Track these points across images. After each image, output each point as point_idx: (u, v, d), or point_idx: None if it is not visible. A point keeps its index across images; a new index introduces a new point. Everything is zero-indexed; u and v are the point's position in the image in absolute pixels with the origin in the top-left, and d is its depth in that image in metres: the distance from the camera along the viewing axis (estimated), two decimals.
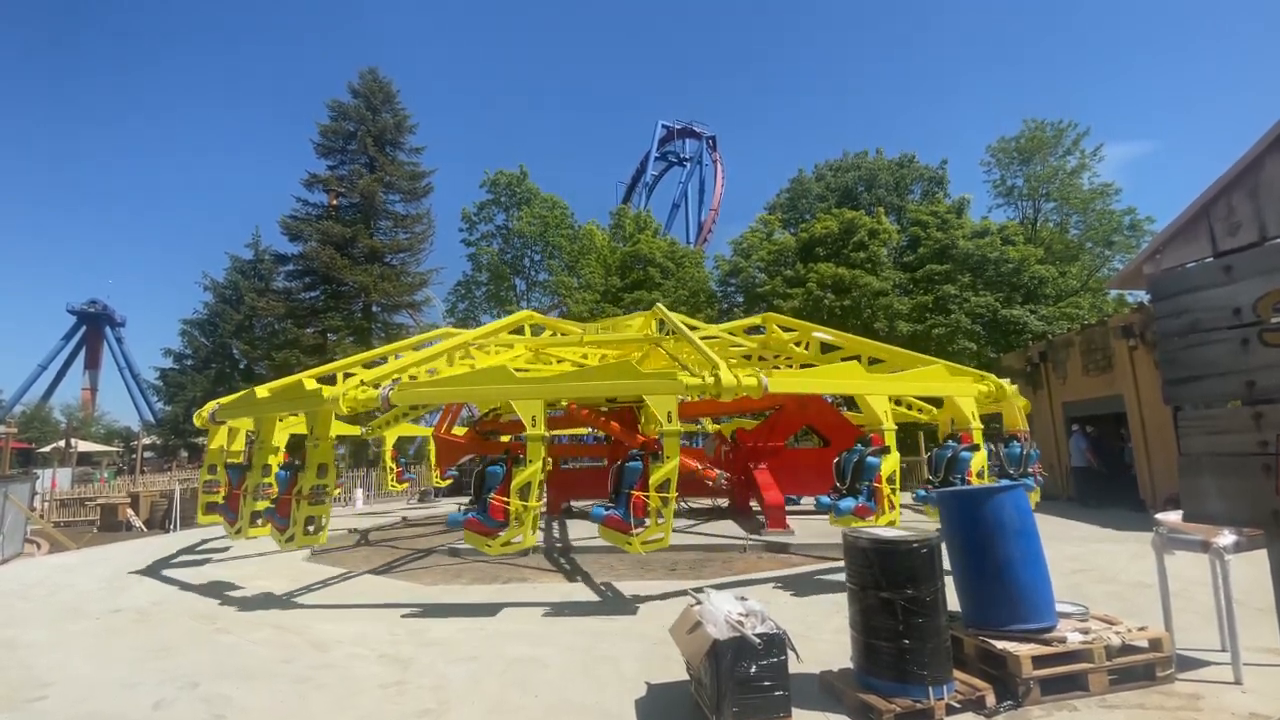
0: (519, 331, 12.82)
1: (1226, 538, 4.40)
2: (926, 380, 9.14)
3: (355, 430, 17.06)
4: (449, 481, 17.07)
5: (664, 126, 59.97)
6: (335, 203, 30.59)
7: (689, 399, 8.35)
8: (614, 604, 6.93)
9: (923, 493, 7.96)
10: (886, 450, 7.67)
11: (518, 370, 8.72)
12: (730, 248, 30.83)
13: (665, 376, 7.27)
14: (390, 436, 14.90)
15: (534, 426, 6.77)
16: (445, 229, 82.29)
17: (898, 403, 13.81)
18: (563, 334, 13.35)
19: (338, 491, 16.49)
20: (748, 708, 3.65)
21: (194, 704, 4.49)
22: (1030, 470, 9.37)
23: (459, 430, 15.48)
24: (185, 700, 4.56)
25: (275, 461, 8.60)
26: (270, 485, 8.39)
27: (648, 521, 6.55)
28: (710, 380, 6.99)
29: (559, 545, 10.28)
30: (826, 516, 7.52)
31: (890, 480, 7.53)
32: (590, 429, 15.01)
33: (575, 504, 13.87)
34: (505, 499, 6.66)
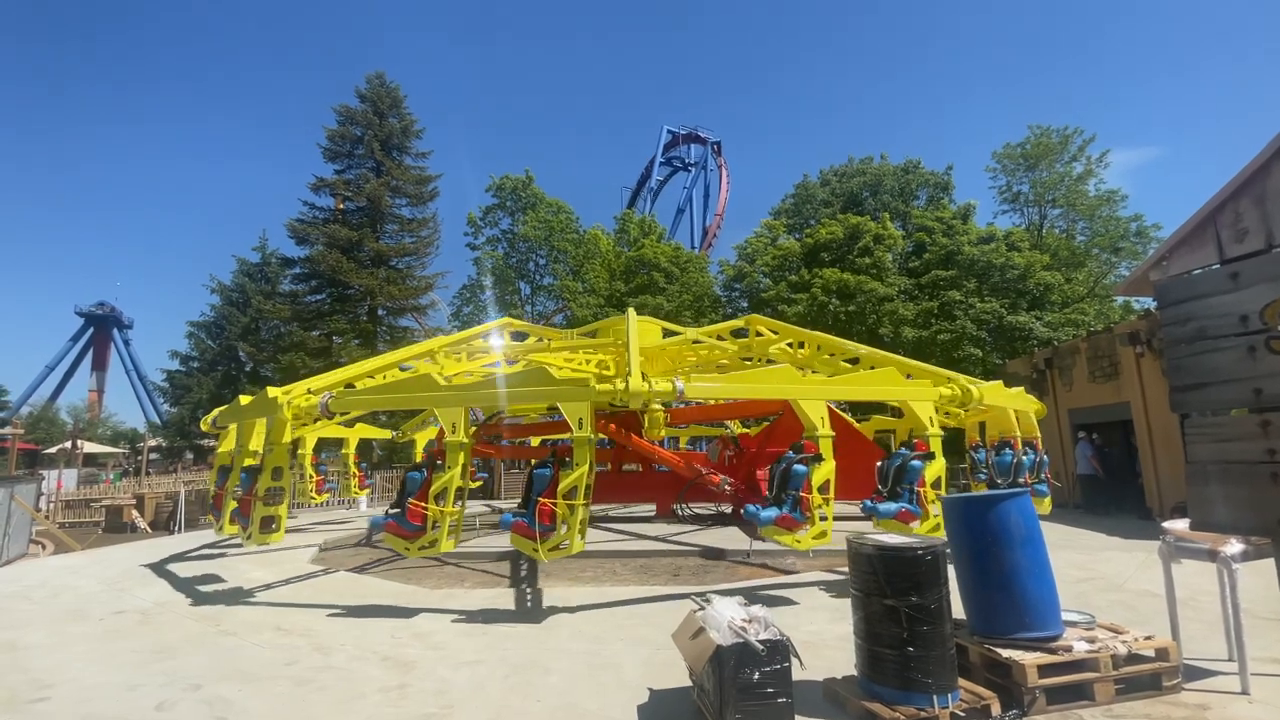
0: (523, 336, 12.89)
1: (1234, 546, 4.37)
2: (873, 384, 8.77)
3: (386, 434, 17.08)
4: (367, 491, 17.20)
5: (669, 132, 60.12)
6: (342, 206, 30.72)
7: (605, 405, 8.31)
8: (617, 608, 6.90)
9: (868, 503, 7.55)
10: (931, 455, 7.60)
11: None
12: (735, 253, 30.87)
13: (577, 383, 7.35)
14: (310, 439, 14.81)
15: (580, 428, 6.82)
16: (451, 233, 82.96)
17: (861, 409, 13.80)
18: (541, 339, 13.48)
19: (364, 492, 16.50)
20: (751, 714, 3.63)
21: (196, 706, 4.49)
22: (1044, 477, 9.29)
23: None
24: (187, 702, 4.56)
25: (253, 463, 8.93)
26: (282, 489, 8.62)
27: (555, 529, 6.57)
28: (620, 386, 7.00)
29: None
30: (839, 523, 7.47)
31: (935, 485, 7.45)
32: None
33: None
34: (553, 501, 6.69)
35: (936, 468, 7.60)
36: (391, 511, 7.24)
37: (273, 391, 8.61)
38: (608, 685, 4.69)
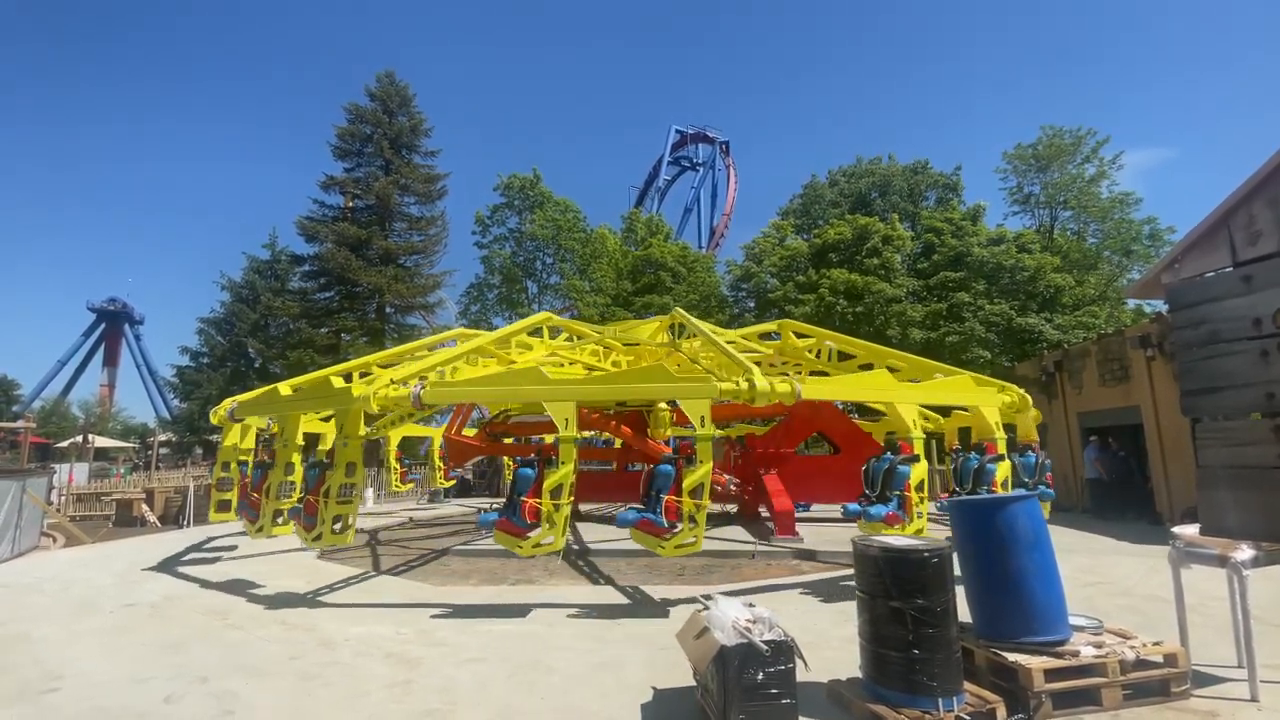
0: (537, 333, 12.86)
1: (1244, 552, 4.32)
2: (954, 390, 9.13)
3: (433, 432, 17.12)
4: (453, 482, 17.15)
5: (677, 131, 60.10)
6: (351, 204, 30.87)
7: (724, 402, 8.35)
8: (620, 608, 6.91)
9: (854, 506, 7.85)
10: (916, 458, 7.68)
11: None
12: (742, 253, 30.82)
13: (699, 380, 7.30)
14: (395, 437, 14.95)
15: (566, 429, 6.80)
16: (459, 232, 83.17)
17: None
18: (579, 336, 13.38)
19: (408, 486, 16.59)
20: (754, 715, 3.62)
21: (203, 699, 4.53)
22: (1045, 480, 9.24)
23: (469, 431, 15.55)
24: (195, 695, 4.60)
25: (298, 460, 8.65)
26: (294, 484, 8.45)
27: (679, 526, 6.57)
28: (744, 385, 7.00)
29: (574, 548, 10.28)
30: (836, 524, 7.51)
31: (919, 489, 7.53)
32: (595, 432, 15.03)
33: (583, 507, 13.87)
34: (538, 500, 6.70)
35: (920, 471, 7.65)
36: (499, 509, 7.09)
37: (339, 382, 8.18)
38: (611, 684, 4.69)
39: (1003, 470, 8.14)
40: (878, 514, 7.25)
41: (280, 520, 8.47)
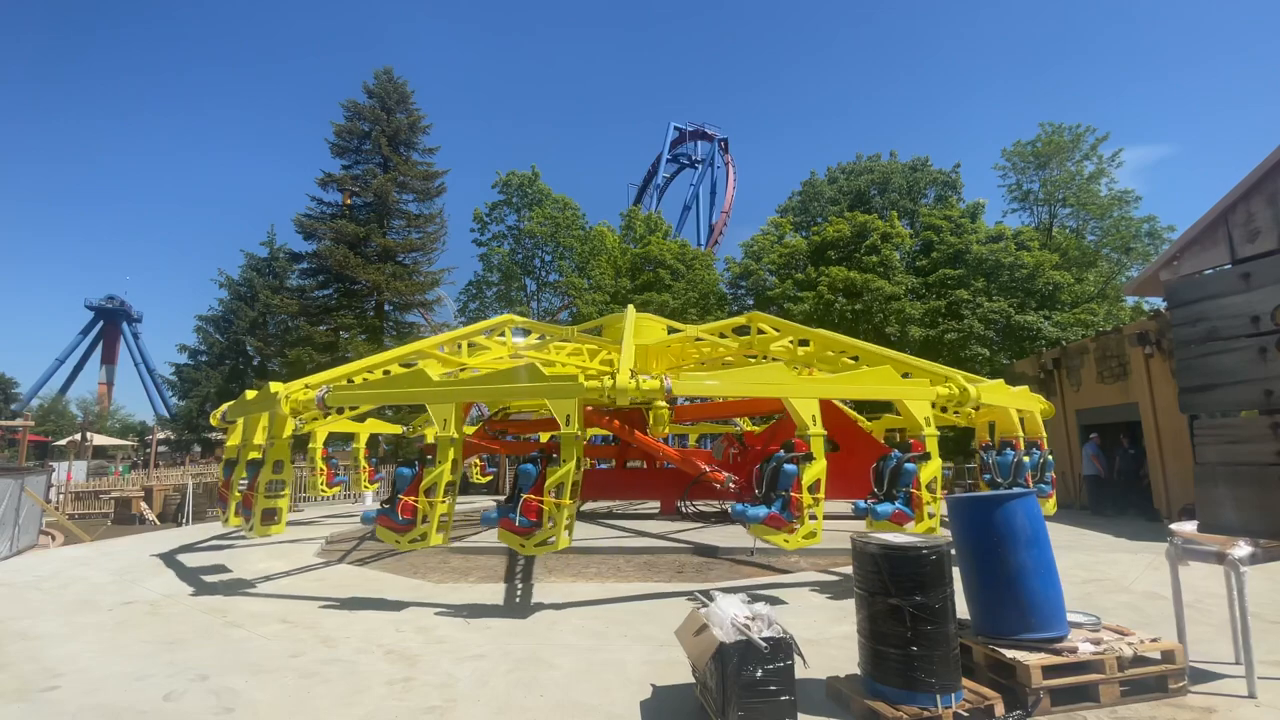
0: (528, 333, 12.94)
1: (1242, 549, 4.33)
2: (867, 383, 8.48)
3: (397, 429, 17.19)
4: (376, 485, 17.22)
5: (676, 129, 60.05)
6: (349, 202, 30.82)
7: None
8: (620, 604, 6.92)
9: (861, 504, 7.56)
10: (926, 456, 7.58)
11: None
12: (741, 250, 30.81)
13: (564, 380, 7.36)
14: (363, 433, 14.94)
15: (568, 425, 6.85)
16: (457, 229, 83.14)
17: (859, 407, 13.82)
18: (543, 336, 13.53)
19: (374, 486, 16.54)
20: (753, 712, 3.63)
21: (203, 696, 4.53)
22: (1048, 477, 9.27)
23: (467, 429, 15.54)
24: (195, 692, 4.60)
25: (256, 457, 9.09)
26: (284, 482, 8.67)
27: (545, 524, 6.63)
28: (609, 383, 7.00)
29: (574, 545, 10.27)
30: (835, 521, 7.49)
31: (930, 486, 7.44)
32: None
33: (584, 506, 13.89)
34: (540, 498, 6.73)
35: (932, 468, 7.55)
36: (384, 506, 7.32)
37: (274, 386, 8.73)
38: (611, 681, 4.70)
39: (928, 471, 7.51)
40: (884, 512, 7.19)
41: (275, 519, 8.60)
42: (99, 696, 4.57)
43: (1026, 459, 8.88)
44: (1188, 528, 4.69)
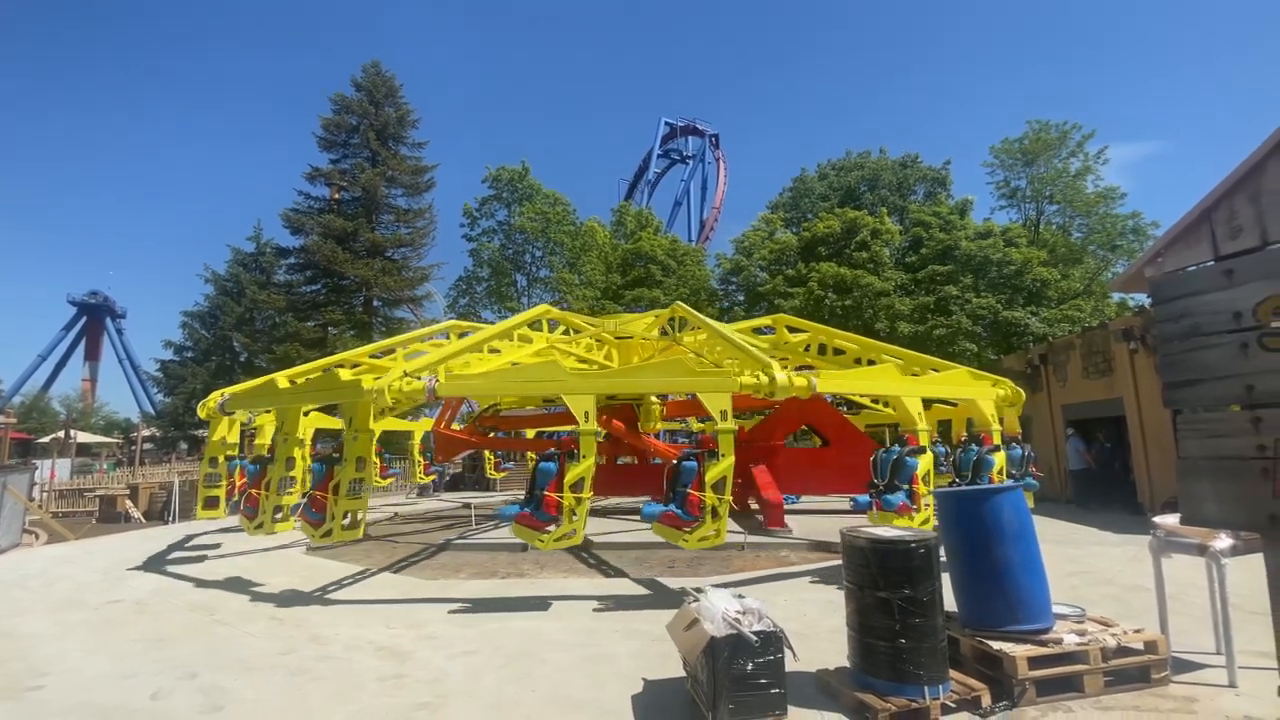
0: (537, 326, 12.81)
1: (1223, 541, 4.41)
2: (953, 384, 9.42)
3: (337, 424, 16.93)
4: (432, 478, 17.13)
5: (667, 124, 59.98)
6: (337, 196, 30.54)
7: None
8: (612, 600, 6.93)
9: (863, 499, 7.96)
10: (923, 450, 7.80)
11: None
12: (732, 246, 30.80)
13: (719, 374, 7.32)
14: (376, 430, 14.79)
15: (586, 421, 6.79)
16: (447, 224, 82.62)
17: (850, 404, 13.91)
18: (576, 330, 13.37)
19: (387, 481, 16.43)
20: (744, 705, 3.67)
21: (192, 694, 4.50)
22: (1031, 471, 9.40)
23: (456, 426, 15.49)
24: (183, 691, 4.57)
25: (300, 455, 8.53)
26: (294, 479, 8.37)
27: (702, 519, 6.59)
28: (765, 379, 7.04)
29: None
30: (826, 515, 7.56)
31: (925, 479, 7.63)
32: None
33: None
34: (559, 494, 6.71)
35: (926, 463, 7.76)
36: (521, 503, 7.11)
37: (367, 381, 7.75)
38: (602, 675, 4.72)
39: (1000, 460, 8.49)
40: (894, 503, 7.33)
41: (280, 516, 8.36)
42: (86, 695, 4.54)
43: (999, 455, 8.92)
44: (1170, 521, 4.76)
